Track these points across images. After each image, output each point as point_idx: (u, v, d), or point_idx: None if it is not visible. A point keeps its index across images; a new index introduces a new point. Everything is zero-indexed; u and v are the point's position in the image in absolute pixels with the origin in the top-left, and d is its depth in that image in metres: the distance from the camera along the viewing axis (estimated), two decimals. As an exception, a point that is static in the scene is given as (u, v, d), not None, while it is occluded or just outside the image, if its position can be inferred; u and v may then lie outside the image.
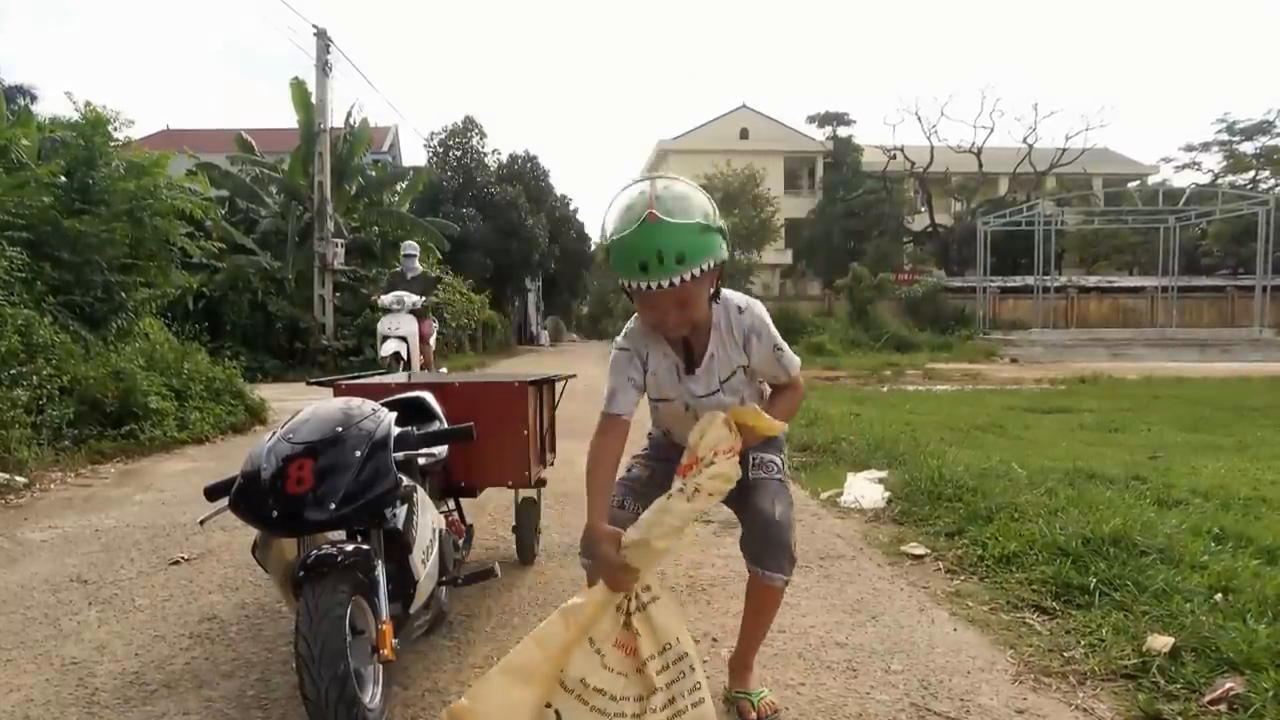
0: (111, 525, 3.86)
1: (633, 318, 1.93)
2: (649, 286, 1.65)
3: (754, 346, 1.87)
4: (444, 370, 9.16)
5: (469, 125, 30.23)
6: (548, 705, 1.55)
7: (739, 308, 1.87)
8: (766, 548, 1.87)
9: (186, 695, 2.07)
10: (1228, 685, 1.92)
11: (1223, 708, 1.87)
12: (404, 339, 8.38)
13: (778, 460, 1.99)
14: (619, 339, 1.94)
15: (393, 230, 17.32)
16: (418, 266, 9.26)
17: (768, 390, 2.02)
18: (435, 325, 9.55)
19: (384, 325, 8.54)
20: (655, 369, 1.90)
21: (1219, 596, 2.42)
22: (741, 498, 1.90)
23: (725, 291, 1.88)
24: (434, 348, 9.38)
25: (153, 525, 3.86)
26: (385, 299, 8.75)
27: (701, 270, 1.66)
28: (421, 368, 8.87)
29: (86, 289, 6.83)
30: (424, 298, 8.82)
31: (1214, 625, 2.19)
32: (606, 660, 1.59)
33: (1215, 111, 60.82)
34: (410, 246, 9.40)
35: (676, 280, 1.64)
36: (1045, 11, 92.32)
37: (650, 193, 1.64)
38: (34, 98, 22.89)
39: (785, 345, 1.91)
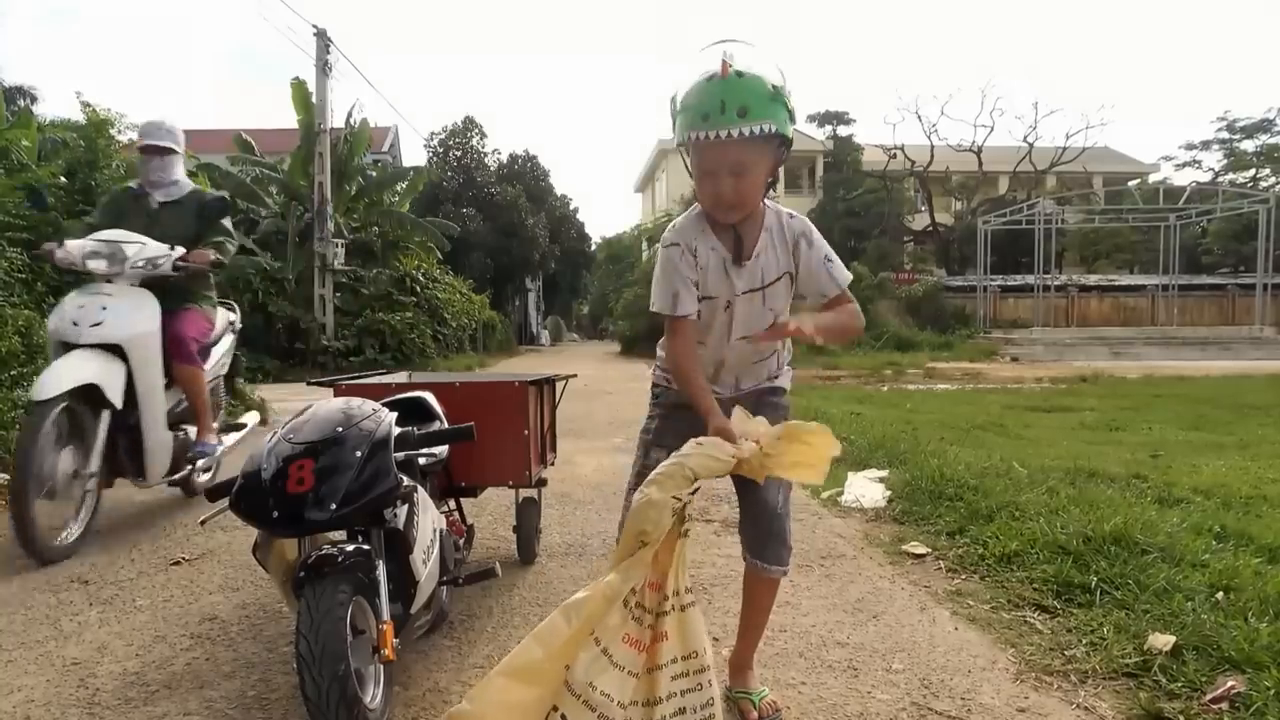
0: (111, 525, 3.85)
1: (682, 215, 1.92)
2: (707, 136, 1.63)
3: (803, 251, 1.85)
4: (246, 421, 4.71)
5: (469, 125, 30.31)
6: (554, 709, 1.49)
7: (790, 214, 1.89)
8: (767, 539, 1.87)
9: (187, 696, 2.07)
10: (1229, 684, 1.92)
11: (1224, 706, 1.87)
12: (119, 351, 3.41)
13: None
14: (667, 234, 1.90)
15: (393, 230, 17.36)
16: (183, 179, 4.10)
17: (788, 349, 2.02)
18: (233, 316, 4.67)
19: (64, 317, 3.41)
20: (704, 263, 1.87)
21: (1220, 595, 2.43)
22: (746, 479, 1.89)
23: (776, 205, 1.89)
24: (227, 363, 4.53)
25: (153, 525, 3.86)
26: (74, 247, 3.54)
27: (762, 130, 1.62)
28: (179, 420, 3.87)
29: (87, 290, 6.83)
30: (185, 251, 3.72)
31: (1215, 624, 2.19)
32: (615, 658, 1.51)
33: (1216, 109, 61.10)
34: (156, 129, 3.94)
35: (735, 132, 1.61)
36: (1045, 11, 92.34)
37: (728, 51, 1.65)
38: (34, 98, 22.92)
39: (836, 257, 1.88)
